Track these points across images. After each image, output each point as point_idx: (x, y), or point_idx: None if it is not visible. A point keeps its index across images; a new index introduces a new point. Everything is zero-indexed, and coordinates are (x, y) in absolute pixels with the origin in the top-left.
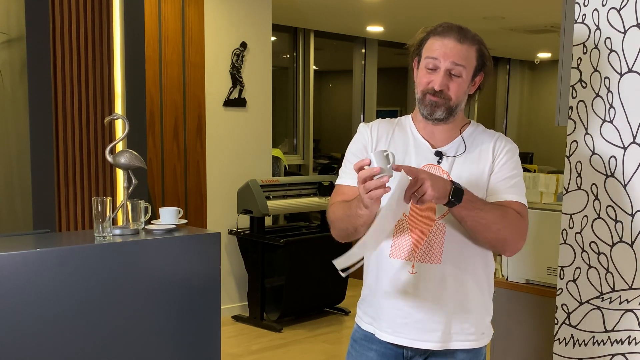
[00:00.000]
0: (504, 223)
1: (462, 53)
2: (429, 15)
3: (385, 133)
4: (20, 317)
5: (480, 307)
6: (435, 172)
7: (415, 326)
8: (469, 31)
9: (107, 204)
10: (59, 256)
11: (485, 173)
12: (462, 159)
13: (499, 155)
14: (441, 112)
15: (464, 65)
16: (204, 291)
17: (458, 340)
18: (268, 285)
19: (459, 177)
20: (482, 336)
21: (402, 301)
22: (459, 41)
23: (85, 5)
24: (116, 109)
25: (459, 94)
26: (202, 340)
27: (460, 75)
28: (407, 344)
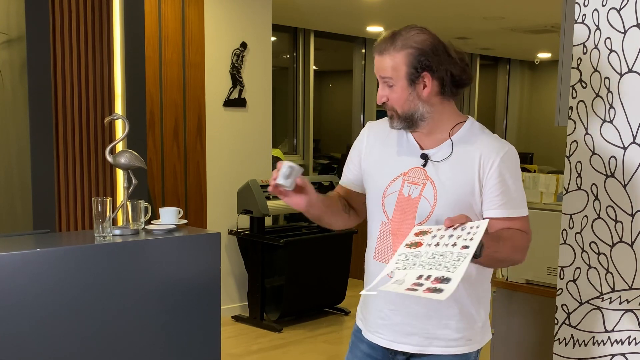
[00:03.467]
0: (514, 251)
1: (384, 64)
2: (428, 15)
3: (382, 135)
4: (21, 317)
5: (463, 313)
6: (418, 175)
7: (393, 328)
8: (396, 37)
9: (107, 204)
10: (59, 256)
11: (471, 183)
12: (447, 165)
13: (488, 170)
14: (397, 122)
15: (390, 76)
16: (204, 291)
17: (437, 346)
18: (268, 285)
19: (442, 183)
20: (468, 342)
21: (382, 303)
22: (380, 54)
23: (85, 5)
24: (116, 109)
25: (399, 102)
26: (202, 340)
27: (393, 85)
28: (385, 345)
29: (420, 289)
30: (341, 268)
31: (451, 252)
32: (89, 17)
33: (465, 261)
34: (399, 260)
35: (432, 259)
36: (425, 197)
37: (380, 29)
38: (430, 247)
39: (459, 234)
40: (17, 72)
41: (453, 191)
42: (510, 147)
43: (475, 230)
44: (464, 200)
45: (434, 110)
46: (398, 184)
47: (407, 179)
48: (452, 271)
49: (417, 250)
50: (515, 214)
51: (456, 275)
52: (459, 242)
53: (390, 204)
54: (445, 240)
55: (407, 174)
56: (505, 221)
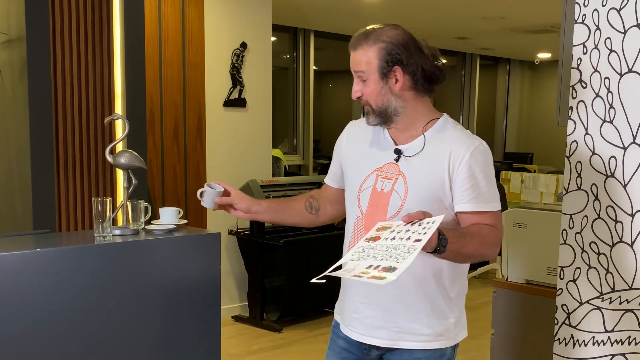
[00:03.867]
0: (483, 246)
1: (357, 58)
2: (429, 15)
3: (361, 133)
4: (20, 317)
5: (434, 309)
6: (391, 170)
7: (365, 322)
8: (370, 33)
9: (107, 204)
10: (59, 256)
11: (441, 178)
12: (418, 160)
13: (458, 165)
14: (372, 118)
15: (363, 70)
16: (204, 291)
17: (408, 340)
18: (268, 285)
19: (412, 178)
20: (439, 338)
21: (355, 296)
22: (354, 48)
23: (85, 5)
24: (116, 109)
25: (372, 95)
26: (202, 340)
27: (366, 79)
28: (357, 339)
29: (365, 276)
30: None
31: (404, 245)
32: (89, 17)
33: (414, 253)
34: (355, 253)
35: (385, 251)
36: (397, 191)
37: None
38: (386, 241)
39: (415, 229)
40: (17, 72)
41: (423, 185)
42: (481, 143)
43: (431, 225)
44: (434, 194)
45: (408, 105)
46: (372, 179)
47: (380, 174)
48: (400, 262)
49: (374, 243)
50: (485, 209)
51: (403, 265)
52: (413, 235)
53: (364, 199)
54: (402, 235)
55: (381, 169)
56: (475, 215)
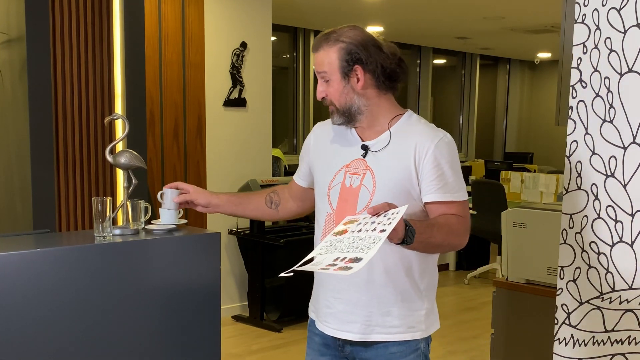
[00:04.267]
0: (451, 235)
1: (319, 60)
2: (428, 16)
3: (328, 133)
4: (20, 317)
5: (404, 301)
6: (359, 166)
7: (337, 316)
8: (330, 34)
9: (107, 204)
10: (59, 256)
11: (407, 171)
12: (385, 154)
13: (423, 157)
14: (337, 117)
15: (325, 70)
16: (204, 291)
17: (379, 333)
18: (268, 285)
19: (380, 172)
20: (409, 330)
21: (328, 292)
22: (315, 50)
23: (85, 5)
24: (116, 109)
25: (336, 95)
26: (202, 340)
27: (329, 79)
28: (330, 333)
29: (332, 268)
30: None
31: (369, 236)
32: (89, 17)
33: (379, 242)
34: (323, 247)
35: (352, 243)
36: (365, 186)
37: (380, 29)
38: (353, 234)
39: (380, 220)
40: (17, 72)
41: (390, 177)
42: (445, 135)
43: (395, 215)
44: (402, 187)
45: (371, 103)
46: (341, 175)
47: (348, 170)
48: (365, 252)
49: (341, 237)
50: (452, 198)
51: (367, 255)
52: (378, 227)
53: (334, 196)
54: (368, 227)
55: (349, 165)
56: (443, 205)
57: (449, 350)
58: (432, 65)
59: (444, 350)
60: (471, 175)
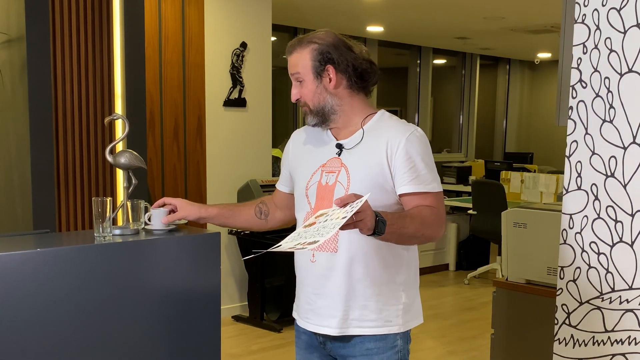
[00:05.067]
0: (424, 226)
1: (293, 62)
2: (428, 15)
3: (305, 138)
4: (20, 317)
5: (381, 295)
6: (334, 164)
7: (317, 312)
8: (302, 38)
9: (107, 204)
10: (59, 256)
11: (380, 165)
12: (357, 151)
13: (395, 150)
14: (311, 118)
15: (298, 71)
16: (204, 291)
17: (356, 327)
18: (268, 285)
19: (353, 168)
20: (387, 323)
21: (307, 288)
22: (289, 53)
23: (85, 5)
24: (116, 109)
25: (309, 96)
26: (202, 340)
27: (302, 80)
28: (312, 329)
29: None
30: None
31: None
32: (89, 17)
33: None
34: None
35: (315, 232)
36: (340, 182)
37: (380, 29)
38: (320, 224)
39: (345, 210)
40: (17, 72)
41: (364, 172)
42: (416, 129)
43: (357, 205)
44: (375, 181)
45: (344, 103)
46: (318, 175)
47: (325, 169)
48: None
49: (309, 228)
50: (426, 189)
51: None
52: (341, 214)
53: (312, 195)
54: (333, 216)
55: (325, 165)
56: (416, 197)
57: (449, 350)
58: (432, 65)
59: (444, 350)
60: (471, 176)
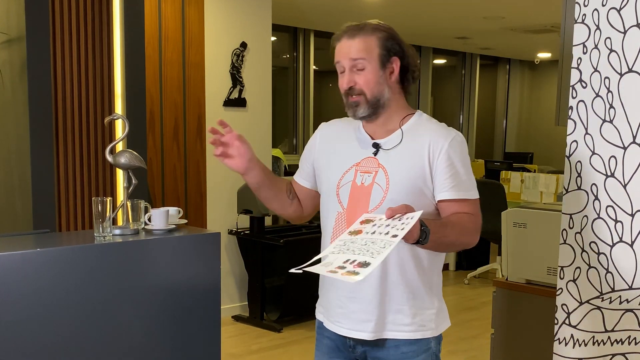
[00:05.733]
0: (463, 234)
1: (356, 46)
2: (428, 15)
3: (334, 133)
4: (20, 317)
5: (416, 299)
6: (370, 164)
7: (351, 316)
8: (366, 24)
9: (107, 204)
10: (59, 256)
11: (421, 168)
12: (397, 152)
13: (437, 155)
14: (363, 109)
15: (363, 57)
16: (204, 291)
17: (391, 331)
18: (268, 285)
19: (393, 169)
20: (421, 328)
21: (340, 291)
22: (351, 37)
23: (85, 5)
24: (116, 109)
25: (369, 85)
26: (202, 340)
27: (364, 67)
28: (345, 334)
29: (340, 272)
30: None
31: (381, 239)
32: (89, 17)
33: (389, 248)
34: (337, 246)
35: (363, 245)
36: (378, 184)
37: None
38: (367, 235)
39: (395, 224)
40: (17, 72)
41: (404, 176)
42: (457, 134)
43: (409, 221)
44: (415, 185)
45: (392, 98)
46: (351, 174)
47: (359, 168)
48: (374, 257)
49: (354, 237)
50: (465, 197)
51: (376, 260)
52: (391, 231)
53: (344, 194)
54: (382, 229)
55: (359, 164)
56: (455, 203)
57: (449, 350)
58: (432, 65)
59: (444, 350)
60: None
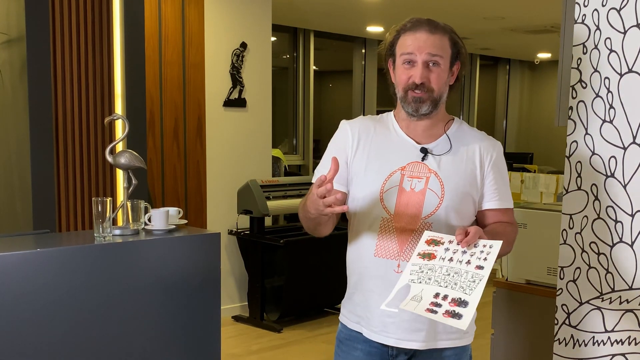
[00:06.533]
0: (507, 244)
1: (436, 43)
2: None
3: (367, 131)
4: (20, 317)
5: None
6: (419, 169)
7: (402, 326)
8: (438, 22)
9: (107, 204)
10: (59, 256)
11: (472, 176)
12: (448, 158)
13: (488, 161)
14: (427, 106)
15: (441, 55)
16: (204, 291)
17: (442, 340)
18: (268, 285)
19: (447, 176)
20: (466, 335)
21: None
22: (431, 32)
23: (85, 5)
24: (116, 109)
25: (440, 84)
26: (202, 340)
27: (439, 65)
28: (393, 344)
29: (440, 311)
30: (341, 268)
31: (466, 271)
32: (89, 17)
33: (482, 283)
34: (413, 272)
35: (447, 275)
36: (432, 190)
37: (380, 29)
38: (444, 262)
39: (472, 251)
40: (17, 72)
41: (458, 182)
42: (499, 143)
43: (489, 250)
44: (468, 193)
45: (443, 102)
46: (396, 178)
47: (405, 173)
48: (468, 293)
49: (430, 262)
50: (508, 206)
51: (473, 298)
52: (472, 260)
53: (390, 200)
54: (459, 256)
55: (404, 168)
56: (500, 212)
57: None
58: None
59: None
60: None
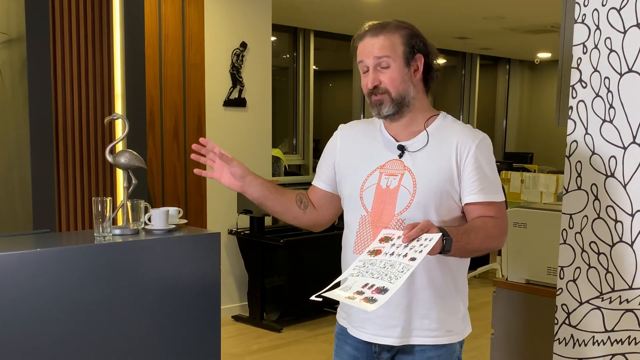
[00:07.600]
0: (488, 239)
1: (382, 44)
2: (428, 15)
3: (355, 135)
4: (20, 317)
5: (443, 304)
6: (396, 167)
7: (376, 322)
8: (388, 22)
9: (107, 204)
10: (59, 256)
11: (448, 171)
12: (424, 154)
13: (465, 156)
14: (387, 107)
15: (388, 55)
16: (204, 291)
17: (418, 336)
18: (268, 285)
19: (420, 172)
20: (448, 333)
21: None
22: (374, 35)
23: (85, 5)
24: (116, 109)
25: (395, 83)
26: (202, 340)
27: (388, 65)
28: (370, 340)
29: (358, 298)
30: (341, 268)
31: (399, 262)
32: (89, 17)
33: (407, 273)
34: (356, 267)
35: (382, 268)
36: (405, 187)
37: None
38: (386, 256)
39: (413, 245)
40: (17, 72)
41: (431, 178)
42: (484, 135)
43: (428, 243)
44: (442, 188)
45: (417, 97)
46: (375, 177)
47: (384, 171)
48: (392, 282)
49: (374, 258)
50: (492, 199)
51: (394, 286)
52: (410, 253)
53: (368, 197)
54: (400, 250)
55: (383, 166)
56: (482, 206)
57: None
58: None
59: None
60: None
